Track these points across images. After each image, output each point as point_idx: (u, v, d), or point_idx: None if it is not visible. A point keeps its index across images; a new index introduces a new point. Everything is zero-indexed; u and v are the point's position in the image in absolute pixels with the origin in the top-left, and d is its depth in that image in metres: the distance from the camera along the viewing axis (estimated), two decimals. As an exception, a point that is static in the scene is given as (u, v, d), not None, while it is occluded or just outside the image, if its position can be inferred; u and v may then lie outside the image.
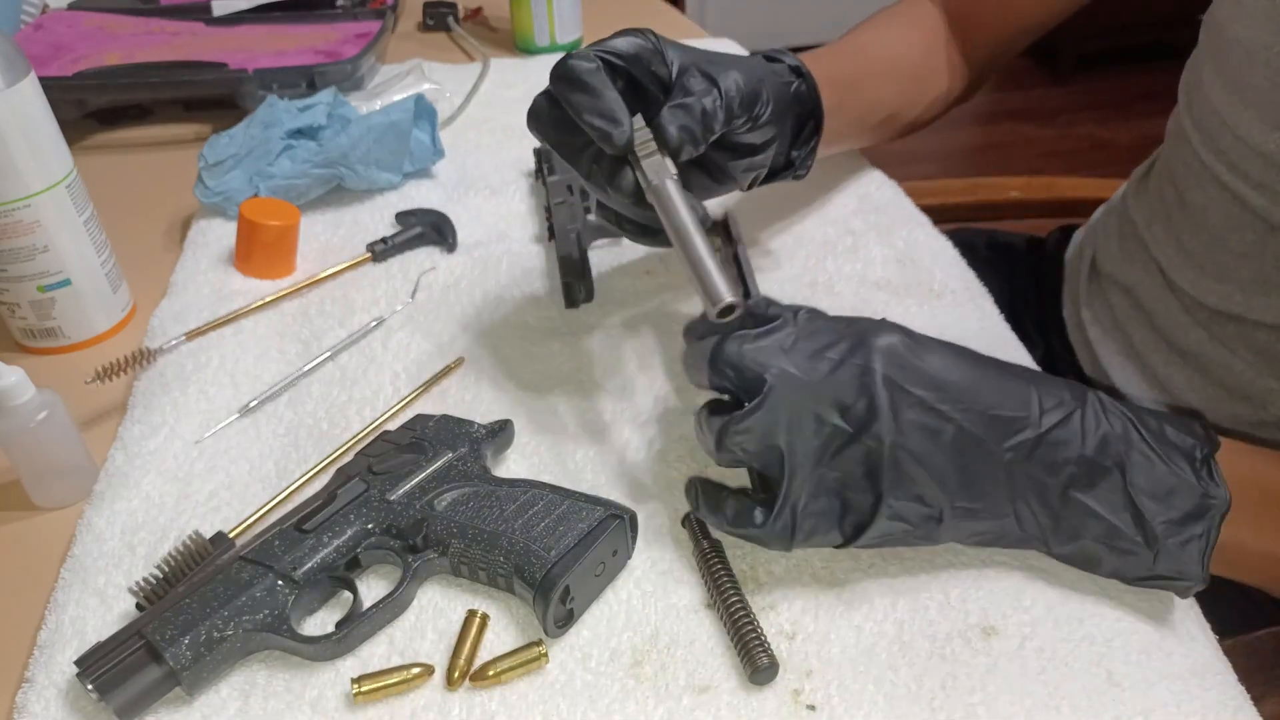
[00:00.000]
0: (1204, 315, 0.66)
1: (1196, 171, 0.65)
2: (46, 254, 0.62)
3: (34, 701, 0.43)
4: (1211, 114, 0.62)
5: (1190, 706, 0.41)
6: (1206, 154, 0.64)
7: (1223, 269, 0.63)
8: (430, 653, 0.44)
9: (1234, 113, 0.60)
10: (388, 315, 0.66)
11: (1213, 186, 0.63)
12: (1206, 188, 0.64)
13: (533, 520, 0.46)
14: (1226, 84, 0.61)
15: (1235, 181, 0.61)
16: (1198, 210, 0.65)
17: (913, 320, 0.63)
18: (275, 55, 0.96)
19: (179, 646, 0.42)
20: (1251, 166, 0.60)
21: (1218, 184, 0.63)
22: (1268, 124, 0.58)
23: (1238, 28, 0.59)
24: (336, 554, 0.46)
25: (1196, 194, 0.65)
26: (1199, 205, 0.65)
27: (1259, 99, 0.58)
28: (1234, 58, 0.60)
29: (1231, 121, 0.60)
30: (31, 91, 0.58)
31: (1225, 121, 0.61)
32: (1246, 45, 0.58)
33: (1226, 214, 0.62)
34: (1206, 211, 0.64)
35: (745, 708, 0.42)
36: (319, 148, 0.76)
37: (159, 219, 0.80)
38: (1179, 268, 0.67)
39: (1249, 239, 0.61)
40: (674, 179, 0.47)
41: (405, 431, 0.53)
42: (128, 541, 0.50)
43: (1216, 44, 0.62)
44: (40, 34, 1.01)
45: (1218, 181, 0.63)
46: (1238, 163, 0.61)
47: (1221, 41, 0.61)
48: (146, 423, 0.57)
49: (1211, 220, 0.64)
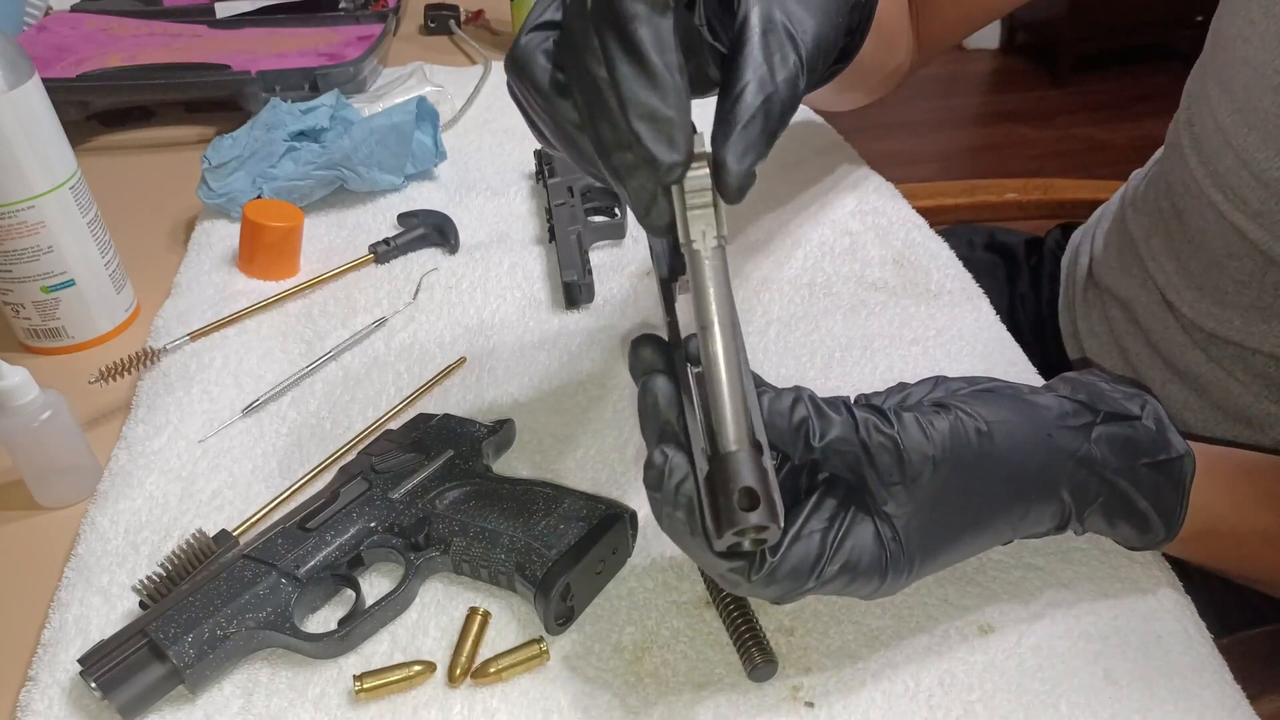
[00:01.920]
0: (1201, 337, 0.65)
1: (1195, 194, 0.64)
2: (50, 255, 0.62)
3: (38, 700, 0.43)
4: (1215, 131, 0.61)
5: (1187, 705, 0.42)
6: (1205, 180, 0.62)
7: (1221, 293, 0.63)
8: (432, 650, 0.45)
9: (1239, 134, 0.59)
10: (390, 315, 0.66)
11: (1210, 212, 0.62)
12: (1204, 212, 0.63)
13: (533, 518, 0.47)
14: (1233, 102, 0.59)
15: (1233, 211, 0.60)
16: (1196, 232, 0.64)
17: (909, 320, 0.64)
18: (278, 57, 0.96)
19: (182, 644, 0.42)
20: (1251, 194, 0.58)
21: (1215, 211, 0.62)
22: (1272, 148, 0.56)
23: (1248, 49, 0.57)
24: (339, 552, 0.46)
25: (1194, 217, 0.64)
26: (1197, 228, 0.64)
27: (1265, 122, 0.57)
28: (1242, 78, 0.58)
29: (1236, 143, 0.59)
30: (35, 93, 0.59)
31: (1229, 141, 0.60)
32: (1256, 67, 0.57)
33: (1224, 241, 0.61)
34: (1204, 235, 0.63)
35: (744, 704, 0.42)
36: (322, 150, 0.76)
37: (163, 220, 0.80)
38: (1177, 287, 0.66)
39: (1248, 267, 0.60)
40: (722, 245, 0.35)
41: (407, 430, 0.53)
42: (131, 540, 0.50)
43: (1224, 60, 0.61)
44: (43, 36, 1.01)
45: (1215, 209, 0.62)
46: (1237, 190, 0.60)
47: (1229, 59, 0.60)
48: (150, 422, 0.58)
49: (1210, 244, 0.63)
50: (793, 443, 0.37)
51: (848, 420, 0.38)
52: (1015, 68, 3.20)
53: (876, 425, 0.37)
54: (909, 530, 0.38)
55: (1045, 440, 0.40)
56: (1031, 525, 0.42)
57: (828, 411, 0.38)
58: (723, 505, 0.34)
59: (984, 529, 0.41)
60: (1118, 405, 0.43)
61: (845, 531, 0.38)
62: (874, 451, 0.37)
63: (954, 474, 0.38)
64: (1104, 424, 0.42)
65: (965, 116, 2.98)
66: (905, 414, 0.38)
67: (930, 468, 0.37)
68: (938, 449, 0.38)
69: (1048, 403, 0.42)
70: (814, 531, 0.38)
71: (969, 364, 0.60)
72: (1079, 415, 0.42)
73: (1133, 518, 0.43)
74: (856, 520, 0.38)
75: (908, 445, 0.37)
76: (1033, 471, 0.40)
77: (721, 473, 0.34)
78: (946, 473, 0.38)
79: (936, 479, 0.38)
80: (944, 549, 0.40)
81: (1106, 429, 0.42)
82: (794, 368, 0.61)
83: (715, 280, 0.35)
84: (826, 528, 0.38)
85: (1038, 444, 0.40)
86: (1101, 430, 0.42)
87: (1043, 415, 0.41)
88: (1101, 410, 0.42)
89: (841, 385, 0.59)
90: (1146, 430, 0.43)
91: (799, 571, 0.37)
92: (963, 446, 0.38)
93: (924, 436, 0.38)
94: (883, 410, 0.38)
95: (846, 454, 0.37)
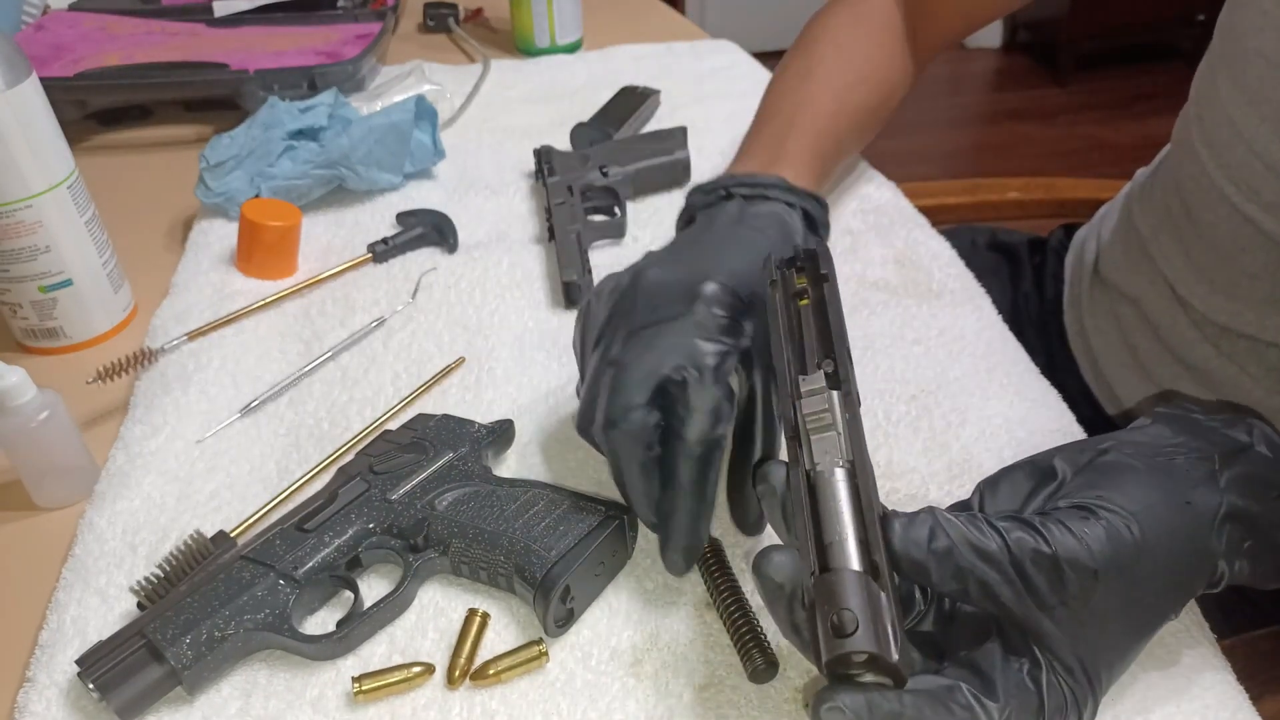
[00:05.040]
0: (1213, 331, 0.64)
1: (1205, 188, 0.63)
2: (48, 254, 0.62)
3: (35, 701, 0.43)
4: (1226, 124, 0.61)
5: (1189, 706, 0.41)
6: (1217, 173, 0.62)
7: (1233, 287, 0.62)
8: (431, 652, 0.44)
9: (1250, 126, 0.58)
10: (389, 315, 0.66)
11: (1222, 206, 0.62)
12: (1216, 207, 0.62)
13: (533, 520, 0.46)
14: (1244, 95, 0.59)
15: (1245, 203, 0.59)
16: (1207, 227, 0.63)
17: (911, 320, 0.64)
18: (276, 56, 0.96)
19: (180, 646, 0.42)
20: (1264, 186, 0.58)
21: (1228, 204, 0.61)
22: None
23: (1261, 40, 0.57)
24: (338, 553, 0.46)
25: (1205, 212, 0.64)
26: (1208, 222, 0.63)
27: (1277, 114, 0.56)
28: (1254, 70, 0.58)
29: (1248, 135, 0.59)
30: (32, 92, 0.59)
31: (1240, 134, 0.59)
32: (1269, 58, 0.56)
33: (1236, 234, 0.61)
34: (1216, 229, 0.63)
35: (746, 706, 0.42)
36: (320, 149, 0.76)
37: (160, 220, 0.80)
38: (1188, 282, 0.65)
39: (1261, 260, 0.60)
40: (849, 469, 0.36)
41: (406, 431, 0.53)
42: (129, 541, 0.50)
43: (1234, 53, 0.60)
44: (41, 35, 1.01)
45: (1228, 202, 0.61)
46: (1250, 182, 0.59)
47: (1240, 51, 0.59)
48: (148, 423, 0.57)
49: (1221, 238, 0.62)
50: (936, 571, 0.34)
51: (994, 538, 0.34)
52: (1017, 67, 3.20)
53: (1027, 541, 0.34)
54: (1071, 654, 0.35)
55: (1188, 511, 0.38)
56: (1191, 596, 0.40)
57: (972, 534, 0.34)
58: (820, 629, 0.32)
59: (1152, 629, 0.38)
60: (1226, 439, 0.41)
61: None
62: (1029, 573, 0.34)
63: (1118, 583, 0.35)
64: (1225, 466, 0.39)
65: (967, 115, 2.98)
66: (1051, 524, 0.35)
67: (1092, 580, 0.34)
68: (1098, 560, 0.34)
69: (1172, 461, 0.39)
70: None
71: (971, 364, 0.60)
72: (1199, 466, 0.39)
73: (1276, 556, 0.40)
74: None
75: (1065, 557, 0.34)
76: (1188, 553, 0.38)
77: (821, 590, 0.32)
78: (1110, 583, 0.35)
79: (1099, 591, 0.35)
80: (1121, 662, 0.37)
81: (1230, 471, 0.39)
82: (794, 367, 0.60)
83: (844, 496, 0.35)
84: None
85: (1183, 519, 0.37)
86: (1227, 474, 0.39)
87: (1175, 482, 0.38)
88: (1216, 454, 0.39)
89: (842, 385, 0.59)
90: (1264, 459, 0.40)
91: None
92: (1123, 551, 0.35)
93: (1079, 545, 0.34)
94: (1028, 521, 0.35)
95: (993, 582, 0.34)
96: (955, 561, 0.34)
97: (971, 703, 0.34)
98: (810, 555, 0.34)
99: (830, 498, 0.35)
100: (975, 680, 0.35)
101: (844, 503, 0.34)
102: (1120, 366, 0.72)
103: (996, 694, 0.34)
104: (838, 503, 0.34)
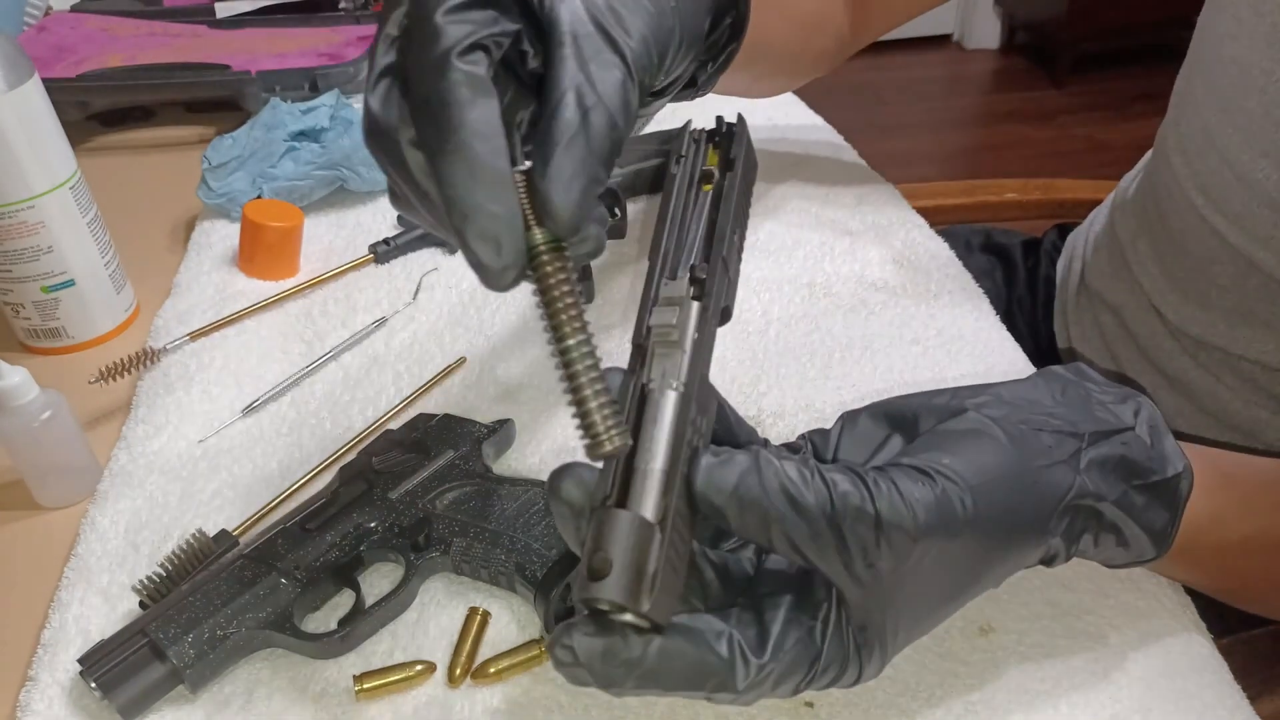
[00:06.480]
0: (1189, 343, 0.64)
1: (1177, 197, 0.63)
2: (50, 255, 0.62)
3: (37, 700, 0.43)
4: (1200, 131, 0.60)
5: (1188, 704, 0.42)
6: (1188, 181, 0.62)
7: (1205, 298, 0.62)
8: (432, 650, 0.45)
9: (1223, 134, 0.58)
10: (390, 315, 0.66)
11: (1191, 215, 0.62)
12: (1186, 215, 0.62)
13: (533, 519, 0.47)
14: (1218, 102, 0.59)
15: (1214, 214, 0.59)
16: (1179, 236, 0.63)
17: (910, 320, 0.64)
18: (278, 57, 0.96)
19: (182, 644, 0.42)
20: (1234, 196, 0.57)
21: (1197, 214, 0.61)
22: (1255, 150, 0.56)
23: (1235, 47, 0.57)
24: (339, 552, 0.46)
25: (1176, 220, 0.63)
26: (1179, 231, 0.63)
27: (1249, 123, 0.56)
28: (1228, 77, 0.57)
29: (1220, 143, 0.58)
30: (35, 93, 0.59)
31: (1214, 142, 0.59)
32: (1243, 66, 0.56)
33: (1206, 245, 0.61)
34: (1186, 239, 0.62)
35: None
36: (322, 150, 0.76)
37: (163, 220, 0.80)
38: (1163, 291, 0.65)
39: (1229, 271, 0.59)
40: (682, 392, 0.33)
41: (407, 430, 0.53)
42: (131, 540, 0.50)
43: (1210, 59, 0.60)
44: (43, 36, 1.01)
45: (1197, 212, 0.61)
46: (1220, 192, 0.59)
47: (1215, 57, 0.59)
48: (150, 422, 0.58)
49: (1192, 248, 0.62)
50: (736, 517, 0.32)
51: (818, 489, 0.32)
52: (1015, 68, 3.20)
53: (853, 497, 0.32)
54: (868, 613, 0.33)
55: (1032, 491, 0.36)
56: (1014, 571, 0.38)
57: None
58: (582, 566, 0.30)
59: (965, 598, 0.37)
60: (1107, 416, 0.39)
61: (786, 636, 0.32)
62: (846, 531, 0.31)
63: (936, 549, 0.33)
64: (1092, 445, 0.37)
65: (965, 116, 2.98)
66: (883, 481, 0.33)
67: (909, 546, 0.32)
68: (921, 528, 0.32)
69: (1037, 433, 0.37)
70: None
71: (969, 364, 0.60)
72: (1063, 445, 0.37)
73: (1121, 542, 0.39)
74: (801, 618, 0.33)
75: (888, 520, 0.32)
76: (1020, 532, 0.36)
77: (594, 526, 0.30)
78: (929, 551, 0.33)
79: (913, 557, 0.33)
80: (918, 626, 0.36)
81: (1096, 451, 0.37)
82: (794, 368, 0.61)
83: (667, 422, 0.32)
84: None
85: (1025, 499, 0.36)
86: (1091, 455, 0.37)
87: (1030, 458, 0.36)
88: (1087, 432, 0.38)
89: (842, 385, 0.59)
90: (1140, 444, 0.39)
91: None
92: (949, 523, 0.33)
93: (905, 510, 0.32)
94: (861, 475, 0.33)
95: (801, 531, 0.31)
96: (762, 509, 0.31)
97: (731, 656, 0.32)
98: (609, 480, 0.32)
99: (651, 421, 0.32)
100: (751, 630, 0.33)
101: (665, 429, 0.32)
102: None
103: (766, 649, 0.32)
104: (659, 428, 0.32)
